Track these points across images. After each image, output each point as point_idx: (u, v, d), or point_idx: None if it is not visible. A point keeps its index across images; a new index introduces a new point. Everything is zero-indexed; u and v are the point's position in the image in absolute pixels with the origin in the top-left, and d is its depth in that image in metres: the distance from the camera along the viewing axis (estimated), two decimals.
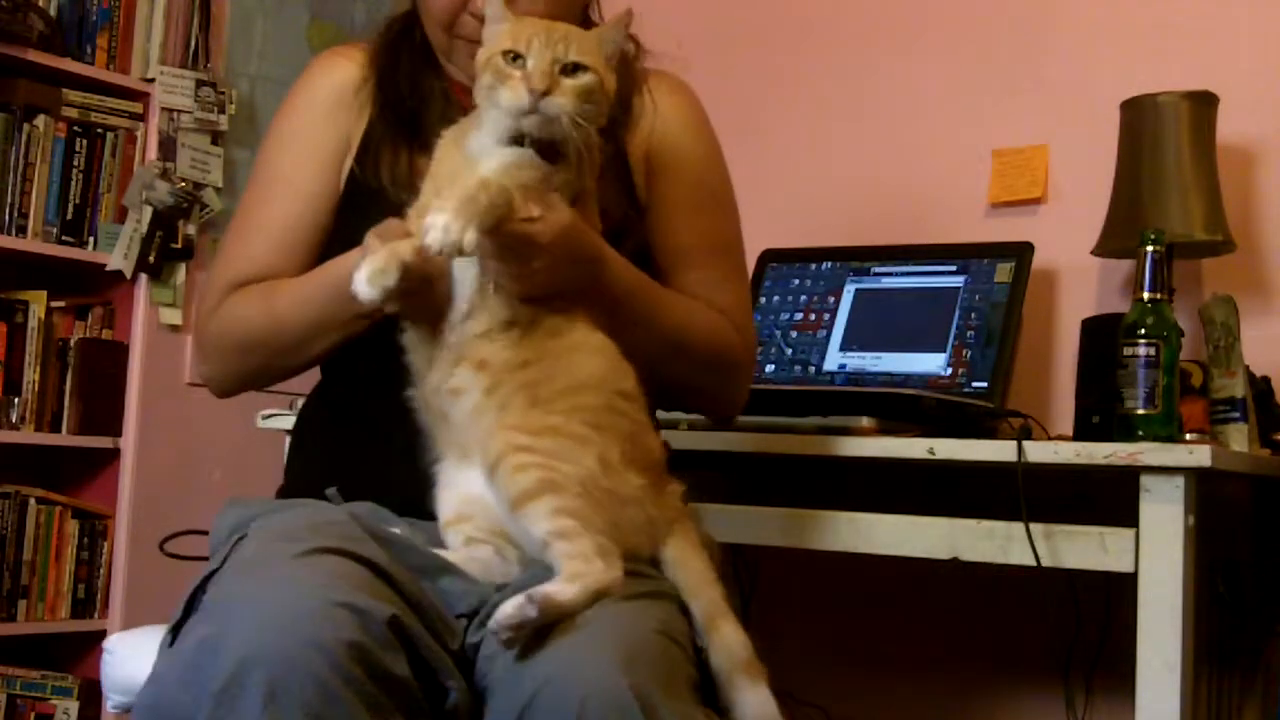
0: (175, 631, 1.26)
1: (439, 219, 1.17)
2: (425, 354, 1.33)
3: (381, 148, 1.49)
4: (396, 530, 1.29)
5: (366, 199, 1.46)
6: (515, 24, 1.31)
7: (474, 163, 1.30)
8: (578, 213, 1.31)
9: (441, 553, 1.29)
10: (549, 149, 1.29)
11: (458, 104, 1.50)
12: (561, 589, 1.15)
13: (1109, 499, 1.77)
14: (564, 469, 1.22)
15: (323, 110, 1.52)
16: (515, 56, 1.27)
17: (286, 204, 1.50)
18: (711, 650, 1.24)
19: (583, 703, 1.10)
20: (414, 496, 1.35)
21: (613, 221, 1.43)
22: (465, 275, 1.30)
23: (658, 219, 1.54)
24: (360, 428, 1.46)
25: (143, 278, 2.93)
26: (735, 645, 1.25)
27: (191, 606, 1.25)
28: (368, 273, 1.22)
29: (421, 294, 1.29)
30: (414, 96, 1.51)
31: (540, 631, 1.14)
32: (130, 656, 1.56)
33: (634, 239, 1.49)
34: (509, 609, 1.12)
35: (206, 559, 1.66)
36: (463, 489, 1.31)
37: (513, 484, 1.21)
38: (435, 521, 1.33)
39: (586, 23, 1.56)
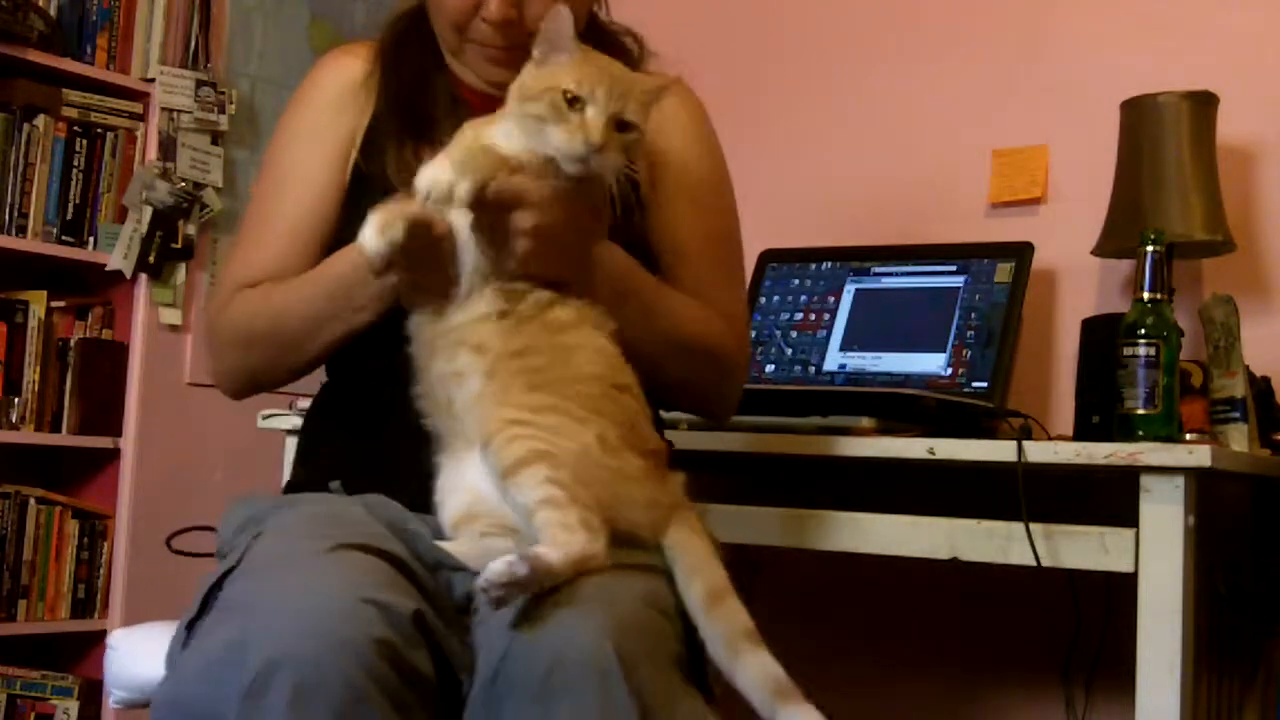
0: (189, 628, 1.26)
1: (433, 168, 1.21)
2: (428, 341, 1.33)
3: (386, 140, 1.49)
4: (411, 526, 1.29)
5: (371, 191, 1.45)
6: (580, 63, 1.31)
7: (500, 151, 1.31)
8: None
9: (458, 544, 1.29)
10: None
11: (465, 103, 1.51)
12: (547, 551, 1.14)
13: (1109, 499, 1.77)
14: (559, 443, 1.22)
15: (330, 106, 1.53)
16: (575, 99, 1.28)
17: (295, 201, 1.50)
18: (712, 624, 1.23)
19: (559, 657, 1.11)
20: (418, 492, 1.34)
21: (619, 208, 1.42)
22: (468, 254, 1.30)
23: (658, 218, 1.55)
24: (363, 424, 1.46)
25: (143, 278, 2.93)
26: (738, 617, 1.24)
27: (207, 603, 1.25)
28: (377, 225, 1.23)
29: (427, 268, 1.29)
30: (419, 92, 1.51)
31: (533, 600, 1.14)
32: (134, 653, 1.56)
33: (635, 233, 1.49)
34: (499, 565, 1.10)
35: (212, 555, 1.66)
36: (469, 486, 1.30)
37: (505, 453, 1.21)
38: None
39: (592, 25, 1.56)
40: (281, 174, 1.53)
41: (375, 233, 1.23)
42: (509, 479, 1.20)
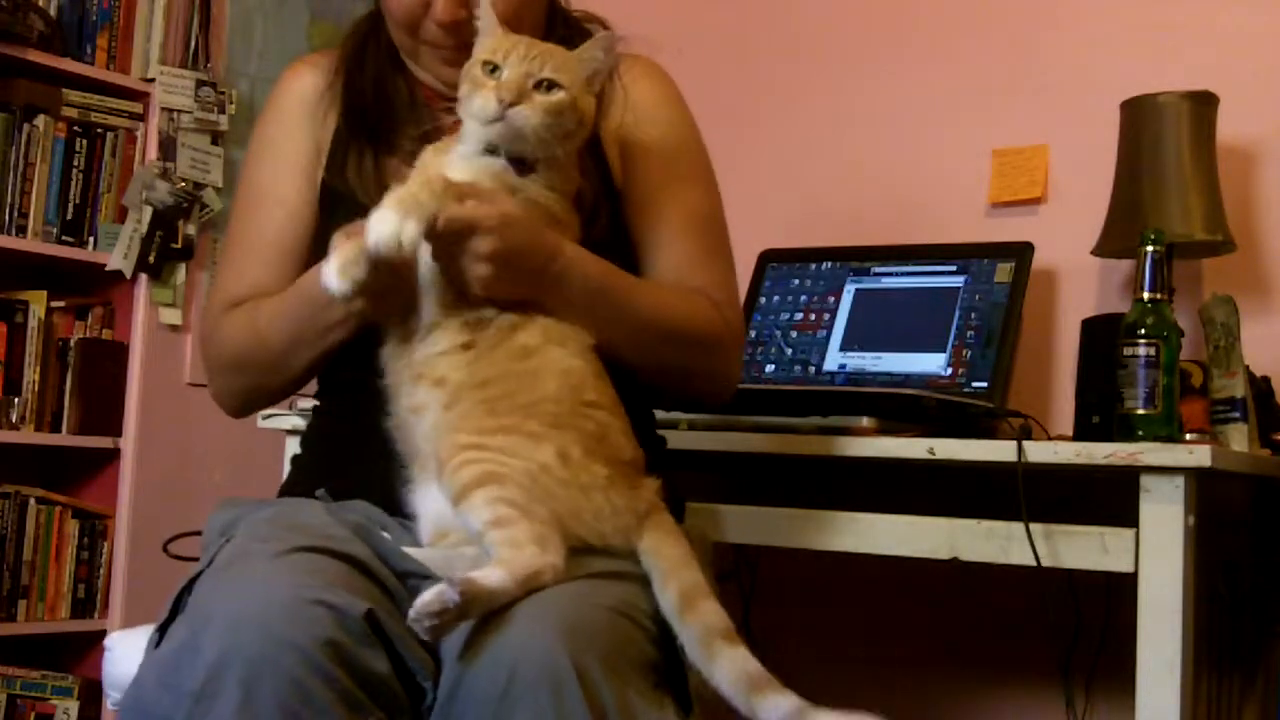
0: (162, 632, 1.26)
1: (378, 215, 1.21)
2: (395, 374, 1.34)
3: (348, 152, 1.49)
4: (386, 534, 1.29)
5: (337, 204, 1.47)
6: (499, 38, 1.35)
7: (446, 157, 1.33)
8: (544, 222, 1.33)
9: (427, 550, 1.29)
10: (522, 163, 1.32)
11: (424, 105, 1.51)
12: (486, 574, 1.14)
13: (1109, 499, 1.77)
14: (510, 462, 1.22)
15: (292, 120, 1.54)
16: (494, 68, 1.31)
17: (269, 218, 1.51)
18: (688, 626, 1.22)
19: (513, 671, 1.10)
20: (400, 497, 1.35)
21: (587, 206, 1.43)
22: (429, 290, 1.31)
23: (634, 200, 1.53)
24: (348, 430, 1.46)
25: (143, 278, 2.93)
26: (713, 617, 1.23)
27: (178, 607, 1.25)
28: (338, 264, 1.24)
29: (392, 294, 1.30)
30: (379, 98, 1.51)
31: (485, 616, 1.14)
32: (130, 655, 1.56)
33: (609, 222, 1.48)
34: (428, 596, 1.09)
35: None
36: (437, 511, 1.30)
37: (455, 480, 1.22)
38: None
39: (554, 14, 1.56)
40: (253, 193, 1.55)
41: (337, 272, 1.24)
42: (460, 504, 1.21)
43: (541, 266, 1.32)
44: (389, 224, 1.20)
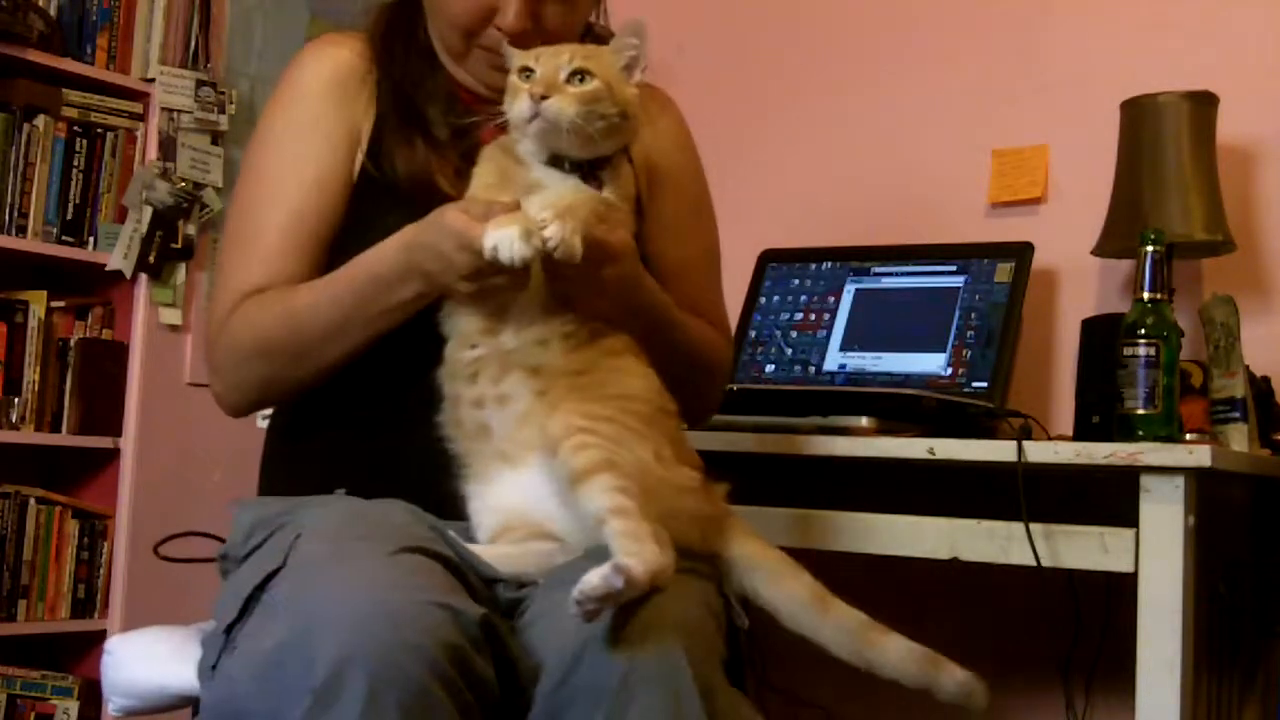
0: (228, 633, 1.24)
1: (555, 225, 1.21)
2: (462, 366, 1.33)
3: (395, 142, 1.45)
4: (452, 533, 1.29)
5: (381, 193, 1.44)
6: (529, 50, 1.37)
7: (527, 166, 1.35)
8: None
9: (497, 547, 1.30)
10: (590, 174, 1.35)
11: (463, 106, 1.49)
12: (634, 563, 1.13)
13: (1109, 499, 1.77)
14: (622, 453, 1.24)
15: (324, 100, 1.47)
16: (529, 74, 1.33)
17: (292, 201, 1.44)
18: (832, 625, 1.33)
19: (630, 665, 1.12)
20: (437, 498, 1.33)
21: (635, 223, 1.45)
22: (539, 289, 1.31)
23: (655, 232, 1.56)
24: (370, 429, 1.43)
25: (143, 278, 2.93)
26: (854, 613, 1.34)
27: (247, 606, 1.23)
28: (520, 230, 1.20)
29: (525, 277, 1.29)
30: (417, 92, 1.49)
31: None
32: (131, 658, 1.54)
33: (640, 246, 1.49)
34: (595, 579, 1.09)
35: (203, 561, 1.66)
36: (502, 501, 1.31)
37: (575, 460, 1.22)
38: (465, 523, 1.34)
39: (588, 34, 1.56)
40: (270, 176, 1.47)
41: (520, 237, 1.19)
42: (578, 486, 1.21)
43: (634, 294, 1.38)
44: (562, 234, 1.21)
